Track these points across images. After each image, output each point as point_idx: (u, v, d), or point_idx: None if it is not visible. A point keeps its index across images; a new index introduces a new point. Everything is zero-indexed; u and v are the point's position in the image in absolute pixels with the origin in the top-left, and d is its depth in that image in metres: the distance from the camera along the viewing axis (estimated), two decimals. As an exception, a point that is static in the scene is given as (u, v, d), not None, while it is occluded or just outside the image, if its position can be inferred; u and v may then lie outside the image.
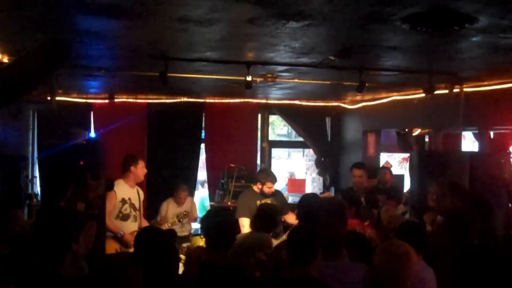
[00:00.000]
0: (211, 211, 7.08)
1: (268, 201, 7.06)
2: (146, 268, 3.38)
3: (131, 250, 5.14)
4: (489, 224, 5.16)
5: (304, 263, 3.89)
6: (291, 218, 7.32)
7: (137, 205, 6.96)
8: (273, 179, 7.31)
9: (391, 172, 9.17)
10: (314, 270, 3.84)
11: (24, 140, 9.79)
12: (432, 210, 5.69)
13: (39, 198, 8.64)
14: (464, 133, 10.45)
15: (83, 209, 4.14)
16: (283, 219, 7.36)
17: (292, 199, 10.04)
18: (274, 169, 10.40)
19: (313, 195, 7.03)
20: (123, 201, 6.84)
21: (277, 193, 7.42)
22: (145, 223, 7.07)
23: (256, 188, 7.27)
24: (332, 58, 5.66)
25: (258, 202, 6.94)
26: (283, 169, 15.17)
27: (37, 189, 9.44)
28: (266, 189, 7.15)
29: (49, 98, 7.68)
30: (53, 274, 3.18)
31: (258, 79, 7.22)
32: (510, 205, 6.36)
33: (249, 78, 6.37)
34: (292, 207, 7.41)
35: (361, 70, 6.55)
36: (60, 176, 5.67)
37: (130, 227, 6.83)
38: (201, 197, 12.06)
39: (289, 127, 13.96)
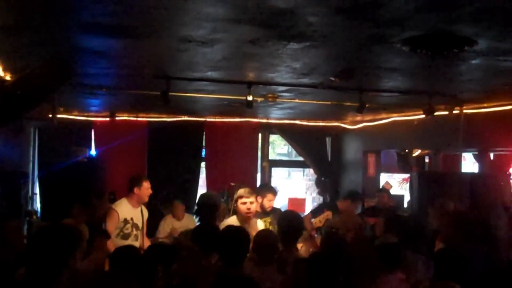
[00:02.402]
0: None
1: (268, 220, 7.00)
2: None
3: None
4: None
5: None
6: None
7: (139, 225, 6.92)
8: (274, 192, 7.25)
9: (389, 194, 9.17)
10: None
11: (25, 157, 9.80)
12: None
13: (39, 215, 8.64)
14: (464, 154, 10.48)
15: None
16: None
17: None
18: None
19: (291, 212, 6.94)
20: (125, 221, 6.81)
21: (276, 210, 7.36)
22: (147, 242, 7.03)
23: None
24: (332, 79, 5.69)
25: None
26: (283, 189, 15.17)
27: (37, 206, 9.45)
28: (266, 203, 7.05)
29: (50, 115, 7.69)
30: None
31: (259, 99, 7.24)
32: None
33: (250, 98, 6.39)
34: None
35: (361, 91, 6.58)
36: (61, 194, 5.71)
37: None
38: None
39: (290, 146, 13.98)
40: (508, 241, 5.33)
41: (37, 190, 9.46)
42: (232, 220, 6.28)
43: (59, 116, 8.19)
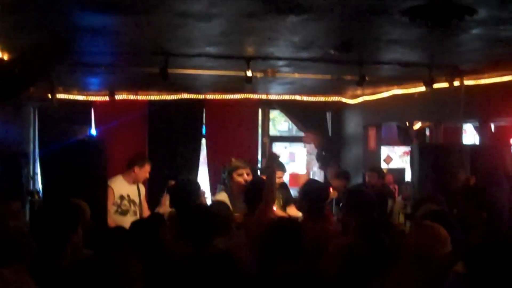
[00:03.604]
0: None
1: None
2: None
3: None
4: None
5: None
6: (293, 211, 7.30)
7: (137, 201, 6.93)
8: (283, 168, 7.26)
9: (380, 173, 9.09)
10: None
11: (25, 137, 9.79)
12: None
13: (40, 194, 8.65)
14: (465, 126, 10.46)
15: None
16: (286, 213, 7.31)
17: (293, 193, 10.03)
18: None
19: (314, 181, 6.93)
20: (121, 198, 6.82)
21: (283, 185, 7.35)
22: (149, 216, 7.05)
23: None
24: (332, 52, 5.66)
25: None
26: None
27: (39, 186, 9.46)
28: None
29: (49, 95, 7.68)
30: (52, 265, 3.19)
31: (259, 74, 7.21)
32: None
33: (249, 73, 6.38)
34: (295, 201, 7.36)
35: (361, 64, 6.56)
36: (62, 173, 5.69)
37: (130, 222, 6.80)
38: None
39: (290, 123, 13.96)
40: (509, 211, 5.34)
41: (38, 170, 9.47)
42: (222, 196, 6.26)
43: (58, 96, 8.19)
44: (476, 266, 2.64)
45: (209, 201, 7.46)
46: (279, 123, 19.64)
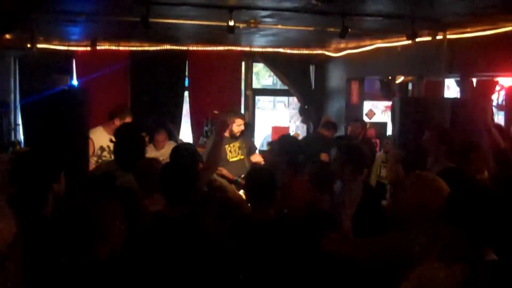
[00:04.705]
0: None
1: (237, 144, 7.13)
2: None
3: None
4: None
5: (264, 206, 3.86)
6: (257, 158, 7.39)
7: None
8: (242, 117, 7.36)
9: (364, 124, 9.10)
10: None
11: (6, 87, 9.71)
12: None
13: (22, 145, 8.62)
14: (448, 82, 10.50)
15: None
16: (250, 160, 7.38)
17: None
18: (259, 118, 10.42)
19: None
20: (102, 149, 6.81)
21: (244, 133, 7.41)
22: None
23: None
24: (314, 2, 5.63)
25: (227, 147, 7.00)
26: (268, 119, 15.22)
27: (21, 137, 9.42)
28: (235, 128, 7.11)
29: (29, 45, 7.58)
30: (36, 214, 3.20)
31: (241, 25, 7.16)
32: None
33: (231, 23, 6.33)
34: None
35: (344, 15, 6.53)
36: (43, 123, 5.66)
37: None
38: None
39: (274, 77, 13.93)
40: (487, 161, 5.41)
41: (19, 121, 9.41)
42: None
43: (39, 45, 8.07)
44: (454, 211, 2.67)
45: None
46: (264, 77, 19.62)
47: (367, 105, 11.64)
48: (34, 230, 3.05)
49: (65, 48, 9.80)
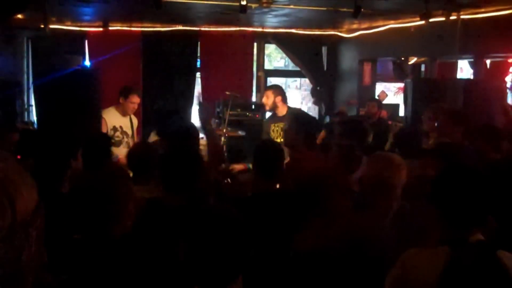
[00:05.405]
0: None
1: (281, 125, 6.48)
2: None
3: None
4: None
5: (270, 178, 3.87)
6: None
7: (129, 132, 6.97)
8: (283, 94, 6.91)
9: (379, 104, 8.96)
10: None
11: (19, 67, 9.76)
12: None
13: (35, 126, 8.68)
14: (461, 64, 10.44)
15: None
16: None
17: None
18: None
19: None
20: (114, 129, 6.85)
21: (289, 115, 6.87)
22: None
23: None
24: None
25: (272, 126, 6.63)
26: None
27: (34, 118, 9.48)
28: (279, 104, 6.59)
29: (42, 25, 7.60)
30: (53, 190, 3.25)
31: (253, 5, 7.13)
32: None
33: (243, 2, 6.31)
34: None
35: (357, -5, 6.49)
36: (56, 104, 5.69)
37: (124, 152, 6.81)
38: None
39: (286, 59, 13.87)
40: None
41: (32, 102, 9.47)
42: None
43: (51, 26, 8.09)
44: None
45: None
46: (275, 59, 19.54)
47: (379, 87, 11.59)
48: (50, 206, 3.10)
49: (78, 28, 9.83)
